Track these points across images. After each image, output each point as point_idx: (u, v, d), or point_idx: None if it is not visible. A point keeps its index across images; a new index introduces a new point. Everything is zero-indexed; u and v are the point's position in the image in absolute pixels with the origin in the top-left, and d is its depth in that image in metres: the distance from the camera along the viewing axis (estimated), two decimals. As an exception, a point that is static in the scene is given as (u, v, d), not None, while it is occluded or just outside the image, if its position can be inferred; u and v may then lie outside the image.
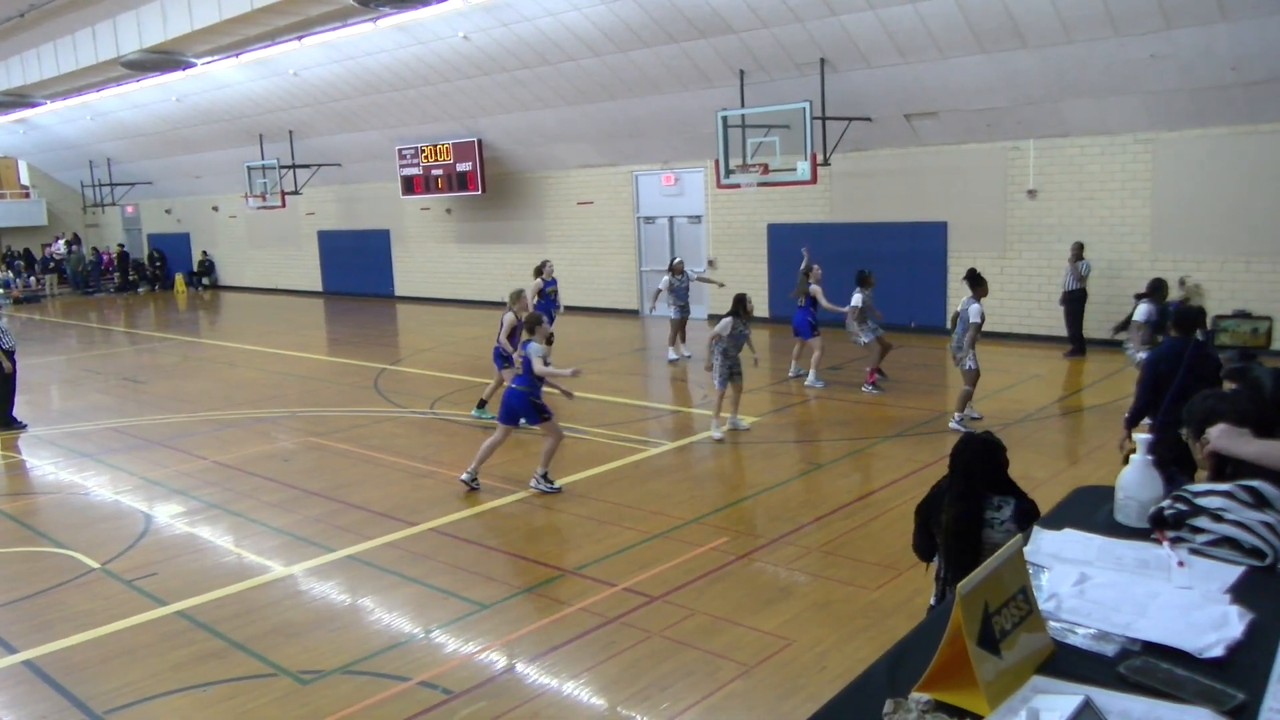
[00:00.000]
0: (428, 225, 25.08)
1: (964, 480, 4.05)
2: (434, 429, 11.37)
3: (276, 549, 7.41)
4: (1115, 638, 1.88)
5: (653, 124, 18.63)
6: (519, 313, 11.00)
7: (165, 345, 20.13)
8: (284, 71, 21.64)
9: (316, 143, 24.95)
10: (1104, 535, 2.40)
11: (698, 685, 5.00)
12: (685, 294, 14.90)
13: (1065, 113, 14.30)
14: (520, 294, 11.23)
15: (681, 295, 14.81)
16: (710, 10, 14.87)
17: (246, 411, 12.52)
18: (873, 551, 6.83)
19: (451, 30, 17.73)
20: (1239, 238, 13.45)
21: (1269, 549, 2.19)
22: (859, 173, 16.88)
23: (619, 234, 20.95)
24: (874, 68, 14.87)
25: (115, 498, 8.97)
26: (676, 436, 10.50)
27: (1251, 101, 12.79)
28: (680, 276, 14.79)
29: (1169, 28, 12.20)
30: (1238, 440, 2.55)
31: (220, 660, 5.54)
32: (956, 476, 4.08)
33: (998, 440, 4.16)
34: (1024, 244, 15.43)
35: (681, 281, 14.80)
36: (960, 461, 4.08)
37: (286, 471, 9.58)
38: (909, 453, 9.35)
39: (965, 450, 4.10)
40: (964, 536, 3.99)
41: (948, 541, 4.09)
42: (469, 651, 5.54)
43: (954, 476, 4.10)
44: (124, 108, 26.75)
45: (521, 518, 7.96)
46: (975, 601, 1.68)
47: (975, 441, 4.14)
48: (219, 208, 31.49)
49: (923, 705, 1.65)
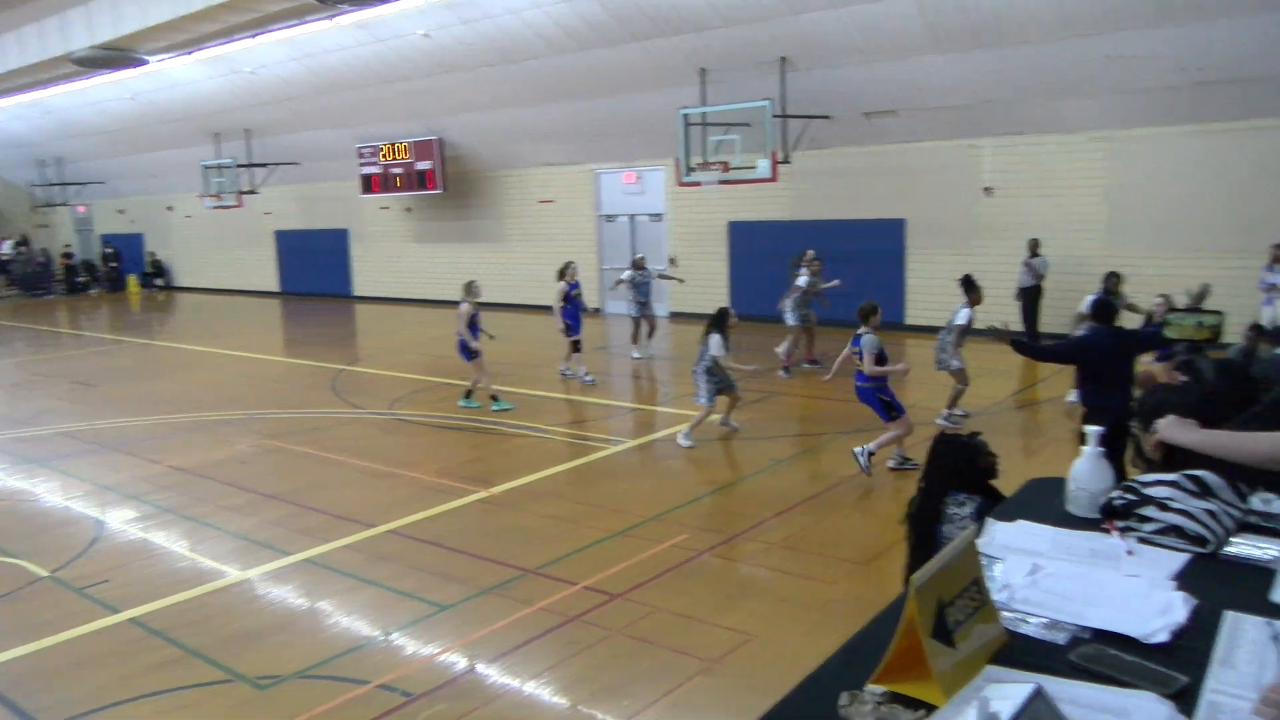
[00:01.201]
0: (387, 224, 24.89)
1: (933, 476, 4.17)
2: (393, 430, 11.27)
3: (233, 553, 7.30)
4: (1066, 626, 1.91)
5: (614, 122, 18.62)
6: (473, 303, 11.06)
7: (119, 347, 19.79)
8: (241, 69, 21.36)
9: (274, 141, 24.65)
10: (1056, 526, 2.43)
11: (659, 682, 5.00)
12: (648, 291, 14.80)
13: (1022, 111, 14.49)
14: (472, 284, 11.31)
15: (644, 292, 14.72)
16: (671, 9, 14.90)
17: (203, 414, 12.34)
18: (833, 546, 6.87)
19: (412, 28, 17.60)
20: (1190, 234, 13.73)
21: (1212, 536, 2.24)
22: (819, 171, 16.99)
23: (580, 232, 20.92)
24: (834, 67, 14.98)
25: (66, 504, 8.79)
26: (638, 434, 10.50)
27: (1200, 102, 13.05)
28: (642, 273, 14.68)
29: (1121, 29, 12.41)
30: (1185, 430, 2.60)
31: (176, 668, 5.45)
32: (929, 471, 4.23)
33: (981, 444, 4.23)
34: (981, 241, 15.61)
35: (644, 277, 14.70)
36: (934, 457, 4.25)
37: (244, 475, 9.45)
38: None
39: (939, 447, 4.26)
40: (920, 528, 4.04)
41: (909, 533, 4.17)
42: (429, 653, 5.50)
43: (927, 471, 4.25)
44: (75, 105, 26.26)
45: (483, 519, 7.91)
46: (929, 594, 1.70)
47: (950, 441, 4.29)
48: (174, 208, 31.02)
49: (878, 697, 1.66)
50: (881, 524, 7.23)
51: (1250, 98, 12.74)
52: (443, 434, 10.83)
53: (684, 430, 9.75)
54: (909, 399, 11.51)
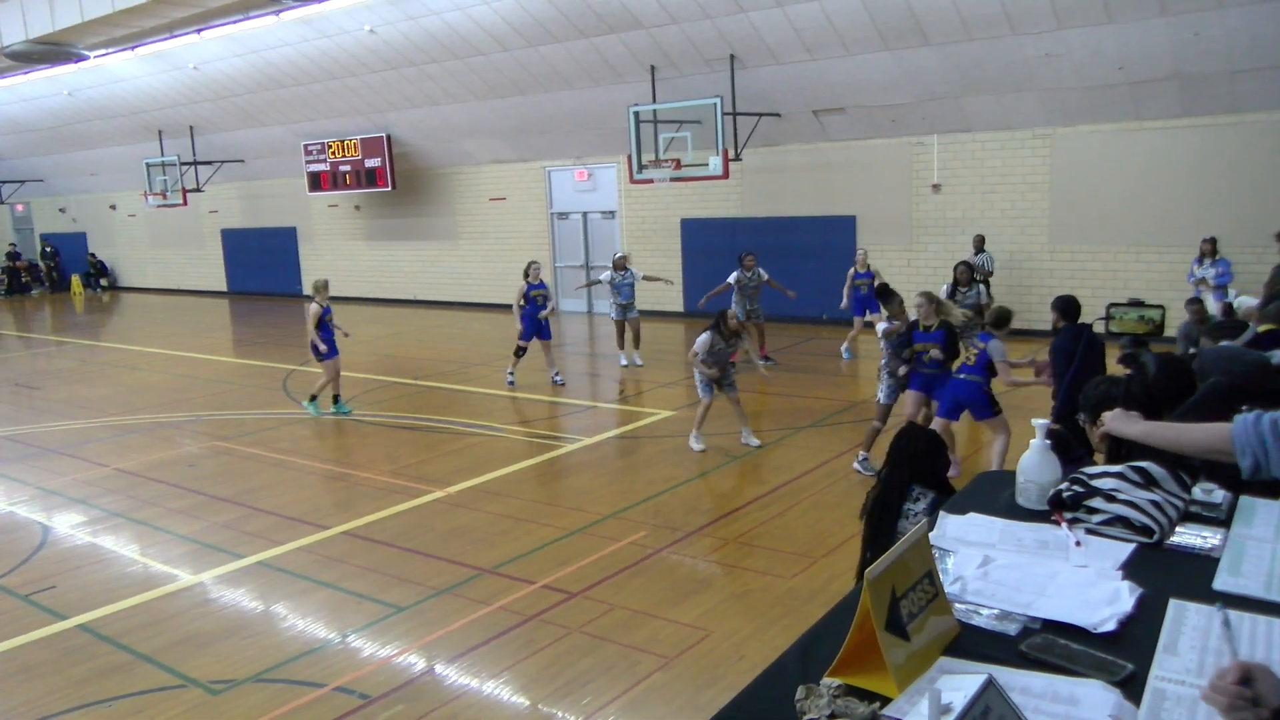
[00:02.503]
0: (336, 222, 24.58)
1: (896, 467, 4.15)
2: (345, 430, 11.16)
3: (183, 557, 7.19)
4: (1017, 617, 1.96)
5: (564, 119, 18.57)
6: (322, 302, 11.06)
7: (62, 349, 19.34)
8: (183, 65, 20.95)
9: (219, 139, 24.23)
10: (1006, 518, 2.49)
11: (618, 679, 5.02)
12: (630, 293, 13.66)
13: (967, 108, 14.71)
14: (325, 284, 11.37)
15: (625, 295, 13.61)
16: (619, 6, 14.89)
17: (149, 416, 12.11)
18: (788, 541, 6.94)
19: (357, 24, 17.39)
20: (1131, 229, 14.04)
21: (1157, 526, 2.30)
22: (770, 168, 17.11)
23: (532, 230, 20.84)
24: (782, 64, 15.08)
25: (10, 509, 8.59)
26: (593, 433, 10.51)
27: (1138, 99, 13.35)
28: (623, 274, 13.55)
29: (1061, 28, 12.65)
30: (1128, 422, 2.67)
31: (126, 674, 5.36)
32: (891, 461, 4.21)
33: (940, 438, 4.28)
34: (929, 237, 15.83)
35: (625, 279, 13.58)
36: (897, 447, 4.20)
37: (192, 477, 9.30)
38: (822, 443, 9.52)
39: (906, 439, 4.21)
40: (878, 521, 4.08)
41: (865, 525, 4.19)
42: (386, 655, 5.46)
43: (889, 460, 4.23)
44: (10, 101, 25.57)
45: (437, 518, 7.87)
46: (883, 587, 1.73)
47: (919, 432, 4.25)
48: (116, 206, 30.35)
49: (834, 690, 1.69)
50: (837, 519, 7.31)
51: (1185, 96, 13.06)
52: (396, 434, 10.74)
53: (693, 434, 9.45)
54: (850, 394, 11.65)
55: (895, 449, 4.21)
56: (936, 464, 4.18)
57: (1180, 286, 13.00)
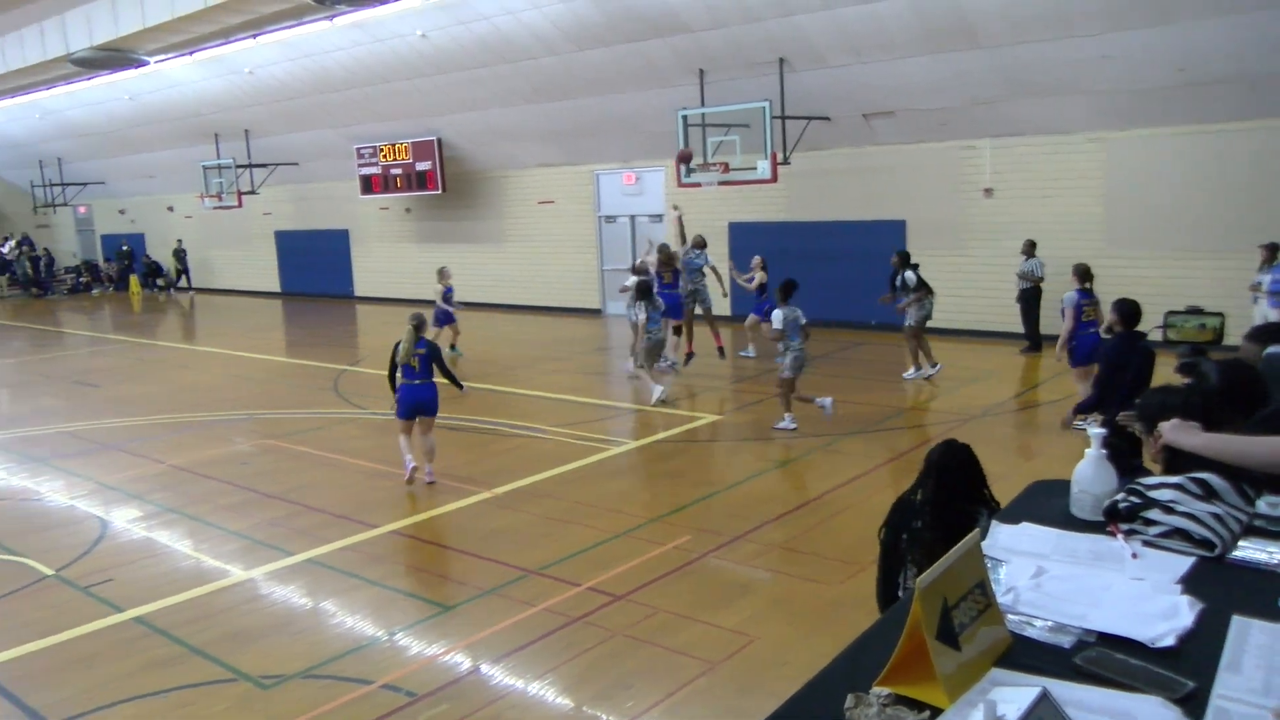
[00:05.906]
0: (387, 225, 24.87)
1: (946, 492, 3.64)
2: (393, 430, 11.25)
3: (235, 553, 7.31)
4: (1071, 629, 1.92)
5: (612, 123, 18.61)
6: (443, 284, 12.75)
7: (119, 348, 19.77)
8: (239, 70, 21.35)
9: (273, 142, 24.64)
10: (1060, 529, 2.44)
11: (660, 683, 5.01)
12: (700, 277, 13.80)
13: (1017, 112, 14.49)
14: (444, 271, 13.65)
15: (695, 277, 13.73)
16: (667, 10, 14.90)
17: (203, 414, 12.34)
18: (833, 548, 6.88)
19: (409, 29, 17.60)
20: (1188, 234, 13.73)
21: (1218, 540, 2.25)
22: (817, 171, 16.98)
23: (580, 233, 20.92)
24: (830, 67, 14.98)
25: (70, 503, 8.80)
26: (638, 436, 10.51)
27: (1196, 102, 13.06)
28: (699, 252, 13.71)
29: (1116, 29, 12.42)
30: (1187, 434, 2.60)
31: (178, 666, 5.46)
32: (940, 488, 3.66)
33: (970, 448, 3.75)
34: (979, 242, 15.62)
35: (698, 258, 13.68)
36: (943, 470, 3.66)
37: (244, 474, 9.45)
38: (866, 449, 9.45)
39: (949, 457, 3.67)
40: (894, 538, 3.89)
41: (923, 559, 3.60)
42: (432, 654, 5.51)
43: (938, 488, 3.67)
44: (74, 106, 26.23)
45: (482, 519, 7.92)
46: (934, 596, 1.71)
47: (960, 450, 3.71)
48: (174, 208, 31.00)
49: (883, 699, 1.68)
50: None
51: (1246, 98, 12.75)
52: (443, 434, 10.82)
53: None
54: (895, 401, 11.53)
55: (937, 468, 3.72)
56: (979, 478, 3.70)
57: (1240, 294, 12.67)
